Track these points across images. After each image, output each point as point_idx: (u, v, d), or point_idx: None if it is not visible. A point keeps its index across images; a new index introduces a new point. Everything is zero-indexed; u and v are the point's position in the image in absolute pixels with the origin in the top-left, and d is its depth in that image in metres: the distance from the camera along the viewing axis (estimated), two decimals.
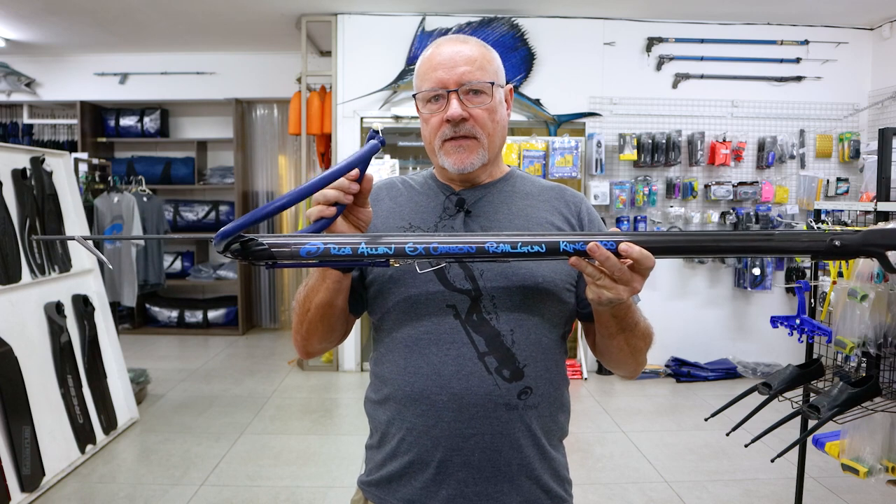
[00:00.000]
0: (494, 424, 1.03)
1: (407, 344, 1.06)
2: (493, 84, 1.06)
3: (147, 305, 6.24)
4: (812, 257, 0.90)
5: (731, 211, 4.79)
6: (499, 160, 1.16)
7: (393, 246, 0.89)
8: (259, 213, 0.87)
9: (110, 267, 1.98)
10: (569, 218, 1.14)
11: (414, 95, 1.12)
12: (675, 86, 4.82)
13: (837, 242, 0.86)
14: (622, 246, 0.86)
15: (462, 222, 1.09)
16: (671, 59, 4.80)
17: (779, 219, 4.81)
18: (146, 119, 6.20)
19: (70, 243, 3.50)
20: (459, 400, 1.03)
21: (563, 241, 0.88)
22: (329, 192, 0.93)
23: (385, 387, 1.09)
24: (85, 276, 3.59)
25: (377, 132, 0.93)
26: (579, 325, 1.19)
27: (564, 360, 1.15)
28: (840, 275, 2.05)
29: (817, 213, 2.39)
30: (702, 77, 4.81)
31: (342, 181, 0.93)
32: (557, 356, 1.10)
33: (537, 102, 4.74)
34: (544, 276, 1.06)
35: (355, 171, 0.94)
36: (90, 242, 0.96)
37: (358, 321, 1.32)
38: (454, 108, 1.04)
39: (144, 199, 5.05)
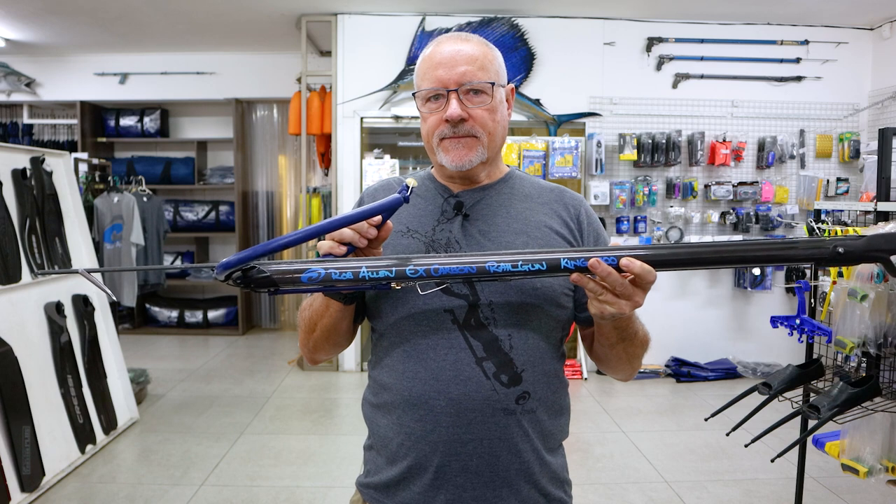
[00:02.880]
0: (493, 429, 1.03)
1: (405, 349, 1.05)
2: (493, 84, 1.05)
3: (147, 305, 6.24)
4: (816, 265, 0.89)
5: (731, 211, 4.79)
6: (498, 160, 1.15)
7: (394, 269, 0.89)
8: (266, 248, 0.88)
9: (114, 299, 1.98)
10: (568, 221, 1.13)
11: (414, 94, 1.11)
12: (675, 86, 4.82)
13: (841, 249, 0.85)
14: (623, 261, 0.86)
15: (460, 226, 1.09)
16: (671, 59, 4.80)
17: (779, 219, 4.81)
18: (146, 119, 6.20)
19: (70, 244, 3.50)
20: (457, 405, 1.02)
21: (564, 258, 0.88)
22: (346, 232, 0.93)
23: (383, 391, 1.09)
24: None
25: (408, 187, 0.91)
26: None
27: (563, 364, 1.14)
28: (840, 275, 2.05)
29: (817, 212, 2.39)
30: (702, 77, 4.81)
31: (362, 224, 0.92)
32: (555, 360, 1.10)
33: (537, 102, 4.74)
34: (542, 281, 1.05)
35: (377, 218, 0.93)
36: (97, 276, 0.95)
37: None
38: (453, 108, 1.03)
39: (144, 199, 5.04)
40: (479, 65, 1.05)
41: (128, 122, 6.21)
